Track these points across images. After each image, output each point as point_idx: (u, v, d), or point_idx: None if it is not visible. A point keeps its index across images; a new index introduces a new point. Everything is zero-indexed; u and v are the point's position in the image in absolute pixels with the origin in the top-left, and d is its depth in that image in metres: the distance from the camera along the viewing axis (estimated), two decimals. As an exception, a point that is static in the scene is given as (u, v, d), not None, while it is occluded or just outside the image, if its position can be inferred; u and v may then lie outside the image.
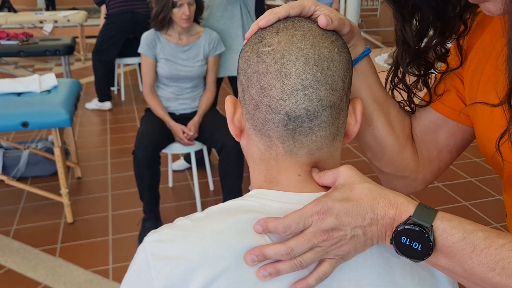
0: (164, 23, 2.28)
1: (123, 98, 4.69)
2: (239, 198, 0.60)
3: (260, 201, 0.57)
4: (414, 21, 0.71)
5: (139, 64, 4.44)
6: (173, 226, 0.56)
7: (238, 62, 0.62)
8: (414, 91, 0.76)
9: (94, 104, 4.35)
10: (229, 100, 0.63)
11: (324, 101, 0.56)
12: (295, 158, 0.58)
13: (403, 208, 0.53)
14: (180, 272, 0.52)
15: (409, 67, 0.74)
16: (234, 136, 0.63)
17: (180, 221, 0.57)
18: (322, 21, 0.59)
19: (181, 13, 2.24)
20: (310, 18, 0.60)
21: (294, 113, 0.56)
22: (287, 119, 0.56)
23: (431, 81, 0.76)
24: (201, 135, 2.43)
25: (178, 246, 0.54)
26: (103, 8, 4.28)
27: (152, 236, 0.56)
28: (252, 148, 0.61)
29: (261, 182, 0.61)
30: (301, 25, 0.59)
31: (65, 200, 2.46)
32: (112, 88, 4.74)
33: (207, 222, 0.56)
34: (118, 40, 4.19)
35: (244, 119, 0.61)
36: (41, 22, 5.59)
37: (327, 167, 0.60)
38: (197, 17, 2.38)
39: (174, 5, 2.23)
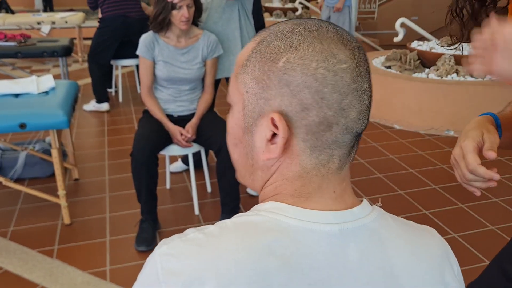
0: (163, 25, 2.28)
1: (120, 99, 4.70)
2: (253, 211, 0.57)
3: (276, 217, 0.55)
4: None
5: (137, 66, 4.44)
6: (185, 240, 0.54)
7: (293, 77, 0.53)
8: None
9: (91, 105, 4.35)
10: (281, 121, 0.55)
11: None
12: (340, 173, 0.58)
13: None
14: None
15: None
16: (267, 160, 0.58)
17: (192, 234, 0.55)
18: (492, 155, 0.77)
19: (180, 15, 2.24)
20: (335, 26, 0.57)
21: (360, 131, 0.56)
22: (353, 137, 0.56)
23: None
24: (199, 137, 2.44)
25: (190, 262, 0.51)
26: (100, 11, 4.30)
27: (163, 249, 0.54)
28: (290, 167, 0.57)
29: (285, 195, 0.57)
30: (346, 34, 0.56)
31: (62, 201, 2.46)
32: (109, 90, 4.75)
33: (223, 240, 0.53)
34: (112, 43, 4.23)
35: (295, 139, 0.55)
36: (38, 23, 5.59)
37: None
38: (195, 20, 2.38)
39: (173, 7, 2.23)
